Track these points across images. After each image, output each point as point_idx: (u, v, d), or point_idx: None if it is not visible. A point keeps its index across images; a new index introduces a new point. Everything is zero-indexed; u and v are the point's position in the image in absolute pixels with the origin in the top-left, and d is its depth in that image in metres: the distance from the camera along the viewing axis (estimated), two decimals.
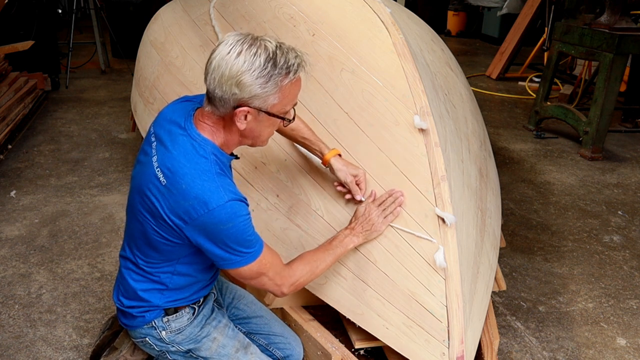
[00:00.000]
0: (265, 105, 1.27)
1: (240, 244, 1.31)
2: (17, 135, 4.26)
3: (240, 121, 1.29)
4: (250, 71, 1.22)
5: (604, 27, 4.20)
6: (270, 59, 1.23)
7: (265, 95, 1.25)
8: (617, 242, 3.08)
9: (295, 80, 1.28)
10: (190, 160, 1.28)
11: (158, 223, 1.31)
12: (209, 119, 1.33)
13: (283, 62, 1.24)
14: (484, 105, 5.59)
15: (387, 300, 1.60)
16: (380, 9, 2.08)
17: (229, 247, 1.30)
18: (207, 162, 1.29)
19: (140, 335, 1.51)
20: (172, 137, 1.32)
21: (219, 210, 1.25)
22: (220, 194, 1.26)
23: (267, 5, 2.33)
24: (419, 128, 1.73)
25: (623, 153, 4.46)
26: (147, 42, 3.26)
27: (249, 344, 1.58)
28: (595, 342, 2.29)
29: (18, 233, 2.97)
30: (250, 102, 1.25)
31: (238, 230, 1.28)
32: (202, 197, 1.24)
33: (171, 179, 1.27)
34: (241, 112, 1.27)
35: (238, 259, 1.32)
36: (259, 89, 1.23)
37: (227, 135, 1.34)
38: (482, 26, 9.59)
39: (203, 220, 1.25)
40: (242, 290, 1.76)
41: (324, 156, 1.69)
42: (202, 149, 1.30)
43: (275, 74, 1.23)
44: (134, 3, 6.88)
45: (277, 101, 1.27)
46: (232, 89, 1.23)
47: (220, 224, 1.26)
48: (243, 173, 2.08)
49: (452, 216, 1.59)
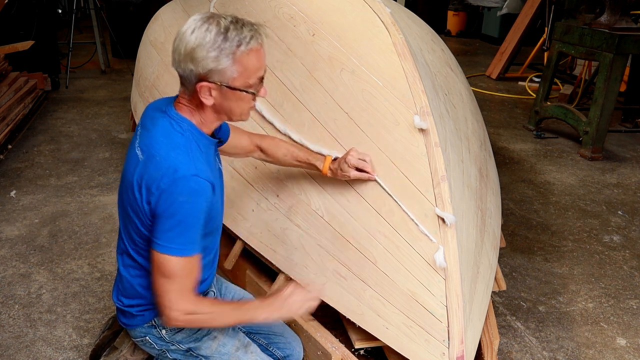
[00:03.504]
0: (224, 79, 1.28)
1: (182, 228, 1.27)
2: (17, 135, 4.26)
3: (206, 97, 1.31)
4: (201, 46, 1.24)
5: (604, 27, 4.20)
6: (221, 33, 1.25)
7: (221, 69, 1.26)
8: (617, 242, 3.08)
9: (249, 51, 1.27)
10: (166, 135, 1.32)
11: (136, 200, 1.32)
12: (184, 99, 1.36)
13: (235, 35, 1.26)
14: (484, 105, 5.59)
15: (387, 300, 1.60)
16: (380, 9, 2.08)
17: (171, 223, 1.26)
18: (182, 137, 1.32)
19: (140, 335, 1.51)
20: (153, 120, 1.37)
21: (183, 181, 1.25)
22: (190, 166, 1.27)
23: (267, 5, 2.33)
24: (419, 128, 1.73)
25: (623, 153, 4.46)
26: (147, 42, 3.26)
27: (249, 343, 1.58)
28: (595, 342, 2.29)
29: (18, 233, 2.97)
30: (209, 76, 1.27)
31: (191, 210, 1.27)
32: (172, 166, 1.26)
33: (147, 153, 1.31)
34: (202, 88, 1.29)
35: (168, 243, 1.28)
36: (212, 62, 1.25)
37: (202, 113, 1.37)
38: (482, 26, 9.59)
39: (166, 188, 1.25)
40: (241, 290, 1.76)
41: (323, 169, 1.72)
42: (178, 126, 1.33)
43: (227, 46, 1.25)
44: (134, 3, 6.88)
45: (237, 74, 1.28)
46: (189, 65, 1.27)
47: (179, 194, 1.25)
48: (243, 173, 2.08)
49: (452, 216, 1.59)
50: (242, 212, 2.04)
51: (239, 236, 2.05)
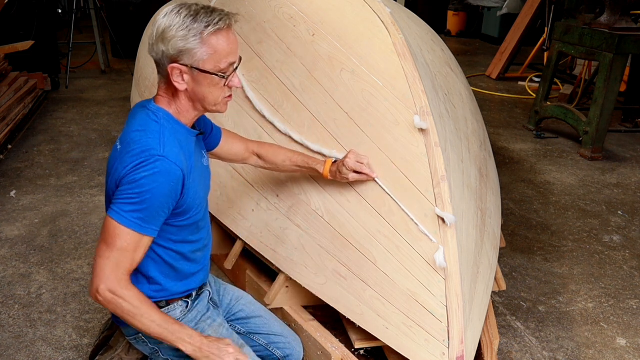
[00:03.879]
0: (194, 61, 1.30)
1: (137, 200, 1.25)
2: (17, 135, 4.26)
3: (178, 82, 1.32)
4: (171, 26, 1.28)
5: (604, 27, 4.20)
6: (190, 16, 1.28)
7: (189, 49, 1.28)
8: (617, 242, 3.08)
9: (216, 32, 1.29)
10: (141, 124, 1.33)
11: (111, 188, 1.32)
12: (162, 90, 1.38)
13: (203, 18, 1.29)
14: (484, 105, 5.59)
15: (387, 300, 1.60)
16: (380, 9, 2.08)
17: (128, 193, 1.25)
18: (156, 124, 1.33)
19: (133, 332, 1.50)
20: (134, 114, 1.39)
21: (149, 159, 1.26)
22: (158, 147, 1.28)
23: (267, 5, 2.33)
24: (419, 128, 1.73)
25: (623, 153, 4.46)
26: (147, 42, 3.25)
27: (242, 345, 1.56)
28: (595, 342, 2.29)
29: (18, 233, 2.97)
30: (179, 58, 1.30)
31: (151, 188, 1.25)
32: (140, 148, 1.28)
33: (124, 143, 1.32)
34: (174, 70, 1.30)
35: (120, 211, 1.26)
36: (181, 42, 1.27)
37: (178, 102, 1.38)
38: (482, 26, 9.58)
39: (133, 165, 1.26)
40: (240, 291, 1.75)
41: (323, 173, 1.72)
42: (154, 115, 1.35)
43: (195, 27, 1.27)
44: (134, 3, 6.88)
45: (207, 57, 1.30)
46: (160, 46, 1.30)
47: (143, 170, 1.25)
48: (243, 173, 2.08)
49: (452, 216, 1.59)
50: (242, 212, 2.04)
51: (239, 236, 2.05)
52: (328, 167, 1.72)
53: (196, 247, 1.50)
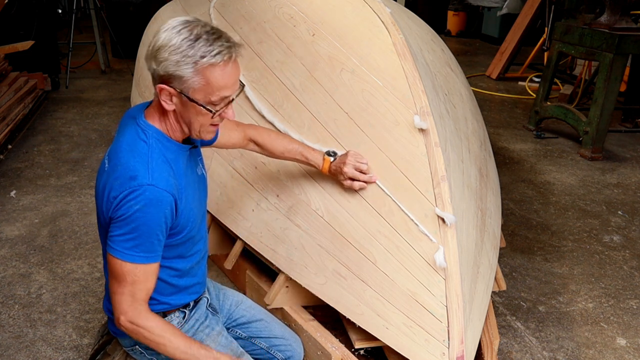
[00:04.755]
0: (185, 88, 1.23)
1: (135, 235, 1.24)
2: (17, 135, 4.25)
3: (165, 101, 1.27)
4: (166, 47, 1.20)
5: (604, 27, 4.20)
6: (189, 40, 1.20)
7: (181, 76, 1.22)
8: (617, 242, 3.08)
9: (213, 65, 1.21)
10: (130, 143, 1.29)
11: (101, 209, 1.30)
12: (155, 105, 1.34)
13: (202, 46, 1.20)
14: (484, 105, 5.59)
15: (387, 300, 1.60)
16: (380, 9, 2.08)
17: (124, 228, 1.24)
18: (145, 145, 1.28)
19: (130, 344, 1.49)
20: (123, 128, 1.35)
21: (138, 190, 1.22)
22: (146, 175, 1.24)
23: (267, 5, 2.33)
24: (419, 128, 1.73)
25: (623, 153, 4.46)
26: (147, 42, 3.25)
27: (242, 353, 1.55)
28: (595, 342, 2.29)
29: (18, 233, 2.97)
30: (170, 81, 1.23)
31: (145, 220, 1.23)
32: (128, 175, 1.24)
33: (111, 162, 1.29)
34: (163, 91, 1.25)
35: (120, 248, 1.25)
36: (172, 66, 1.21)
37: (166, 120, 1.33)
38: (482, 26, 9.58)
39: (122, 196, 1.23)
40: (240, 295, 1.74)
41: (322, 169, 1.72)
42: (143, 133, 1.30)
43: (190, 55, 1.20)
44: (134, 3, 6.88)
45: (198, 86, 1.23)
46: (152, 63, 1.24)
47: (134, 202, 1.22)
48: (243, 173, 2.08)
49: (452, 216, 1.59)
50: (242, 212, 2.04)
51: (239, 236, 2.05)
52: (327, 165, 1.72)
53: (192, 261, 1.47)
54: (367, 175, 1.69)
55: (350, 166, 1.68)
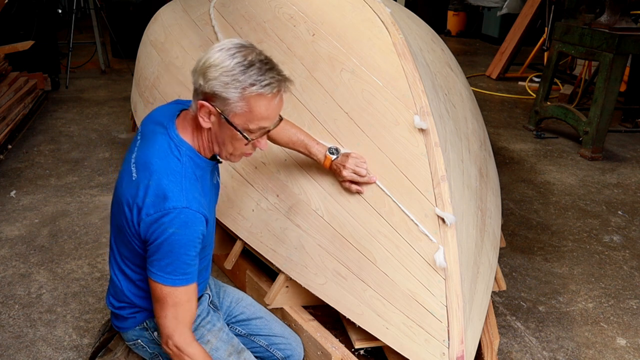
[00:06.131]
0: (226, 110, 1.24)
1: (172, 258, 1.26)
2: (17, 135, 4.26)
3: (204, 118, 1.27)
4: (218, 67, 1.21)
5: (604, 27, 4.20)
6: (242, 65, 1.21)
7: (225, 98, 1.22)
8: (617, 242, 3.08)
9: (260, 95, 1.22)
10: (162, 158, 1.28)
11: (126, 218, 1.30)
12: (190, 120, 1.34)
13: (254, 74, 1.21)
14: (484, 105, 5.59)
15: (387, 300, 1.60)
16: (380, 9, 2.08)
17: (161, 252, 1.26)
18: (178, 163, 1.29)
19: (133, 338, 1.51)
20: (153, 136, 1.34)
21: (172, 212, 1.23)
22: (181, 197, 1.24)
23: (267, 5, 2.33)
24: (419, 128, 1.73)
25: (623, 153, 4.46)
26: (147, 42, 3.26)
27: (242, 349, 1.56)
28: (595, 342, 2.29)
29: (18, 233, 2.97)
30: (212, 100, 1.24)
31: (180, 240, 1.25)
32: (163, 195, 1.24)
33: (141, 175, 1.28)
34: (203, 108, 1.26)
35: (159, 272, 1.27)
36: (220, 87, 1.21)
37: (200, 137, 1.33)
38: (482, 26, 9.58)
39: (156, 217, 1.24)
40: (240, 293, 1.75)
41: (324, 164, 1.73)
42: (177, 149, 1.30)
43: (240, 80, 1.21)
44: (134, 3, 6.88)
45: (240, 111, 1.24)
46: (199, 78, 1.24)
47: (169, 225, 1.23)
48: (243, 173, 2.08)
49: (452, 216, 1.59)
50: (242, 212, 2.04)
51: (239, 236, 2.05)
52: (328, 163, 1.72)
53: (202, 264, 1.49)
54: (365, 177, 1.69)
55: (349, 170, 1.69)
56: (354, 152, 1.75)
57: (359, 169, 1.69)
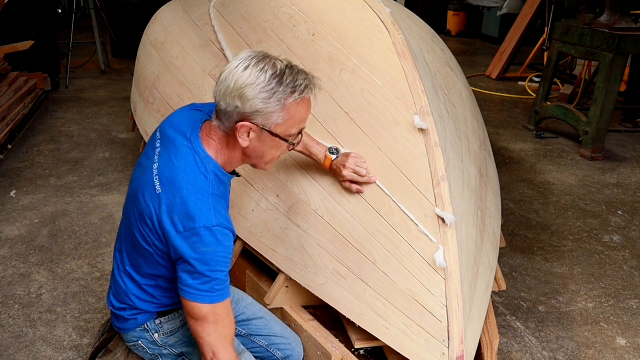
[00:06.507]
0: (268, 123, 1.25)
1: (207, 274, 1.25)
2: (17, 135, 4.26)
3: (243, 137, 1.27)
4: (254, 85, 1.21)
5: (604, 27, 4.20)
6: (276, 76, 1.22)
7: (268, 113, 1.23)
8: (617, 242, 3.08)
9: (301, 100, 1.25)
10: (189, 175, 1.27)
11: (146, 229, 1.30)
12: (215, 135, 1.32)
13: (290, 81, 1.23)
14: (484, 105, 5.59)
15: (387, 300, 1.60)
16: (380, 9, 2.08)
17: (196, 272, 1.25)
18: (206, 180, 1.28)
19: (133, 339, 1.50)
20: (176, 148, 1.32)
21: (204, 231, 1.23)
22: (211, 216, 1.24)
23: (267, 5, 2.33)
24: (419, 128, 1.73)
25: (623, 153, 4.46)
26: (147, 42, 3.26)
27: (243, 351, 1.56)
28: (595, 342, 2.29)
29: (18, 233, 2.97)
30: (253, 118, 1.24)
31: (214, 258, 1.25)
32: (192, 214, 1.23)
33: (166, 190, 1.27)
34: (243, 128, 1.25)
35: (196, 291, 1.26)
36: (261, 104, 1.22)
37: (231, 153, 1.33)
38: (482, 26, 9.58)
39: (186, 235, 1.23)
40: (241, 293, 1.75)
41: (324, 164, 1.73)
42: (203, 166, 1.29)
43: (280, 91, 1.22)
44: (134, 3, 6.88)
45: (281, 121, 1.25)
46: (235, 101, 1.23)
47: (200, 244, 1.23)
48: (243, 173, 2.07)
49: (452, 216, 1.59)
50: (242, 212, 2.04)
51: (239, 236, 2.05)
52: (328, 163, 1.72)
53: None
54: (365, 177, 1.69)
55: (349, 170, 1.69)
56: (354, 152, 1.75)
57: (359, 168, 1.69)
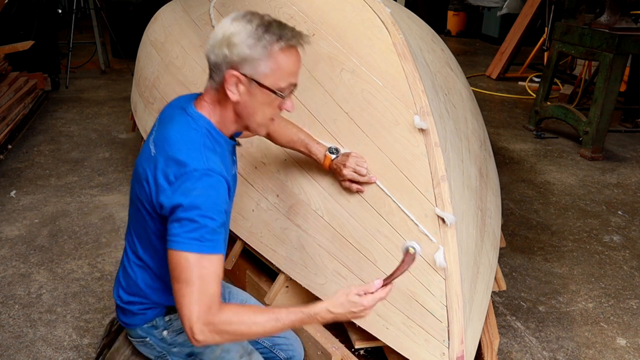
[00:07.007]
0: (256, 73, 1.24)
1: (196, 219, 1.18)
2: (17, 135, 4.26)
3: (232, 90, 1.26)
4: (241, 32, 1.23)
5: (604, 27, 4.20)
6: (262, 25, 1.24)
7: (254, 60, 1.23)
8: (617, 242, 3.08)
9: (287, 48, 1.24)
10: (180, 131, 1.29)
11: (145, 194, 1.29)
12: (208, 96, 1.33)
13: (276, 30, 1.24)
14: (484, 105, 5.59)
15: (387, 300, 1.59)
16: (380, 9, 2.08)
17: (186, 217, 1.18)
18: (197, 133, 1.28)
19: (141, 335, 1.48)
20: (171, 117, 1.34)
21: (194, 173, 1.21)
22: (202, 160, 1.23)
23: (267, 5, 2.33)
24: (419, 128, 1.73)
25: (623, 153, 4.46)
26: (147, 42, 3.26)
27: (252, 351, 1.56)
28: (595, 342, 2.29)
29: (18, 233, 2.97)
30: (240, 66, 1.24)
31: (205, 202, 1.19)
32: (183, 161, 1.23)
33: (160, 150, 1.28)
34: (231, 78, 1.25)
35: (183, 239, 1.18)
36: (247, 49, 1.22)
37: (223, 111, 1.32)
38: (482, 26, 9.58)
39: (178, 184, 1.21)
40: (245, 294, 1.75)
41: (324, 164, 1.73)
42: (195, 123, 1.30)
43: (266, 37, 1.22)
44: (134, 3, 6.88)
45: (269, 71, 1.24)
46: (223, 50, 1.24)
47: (191, 187, 1.20)
48: (243, 173, 2.08)
49: (452, 216, 1.59)
50: (242, 212, 2.04)
51: (239, 236, 2.05)
52: (327, 162, 1.73)
53: None
54: (365, 177, 1.70)
55: (349, 169, 1.69)
56: (354, 151, 1.75)
57: (359, 168, 1.69)
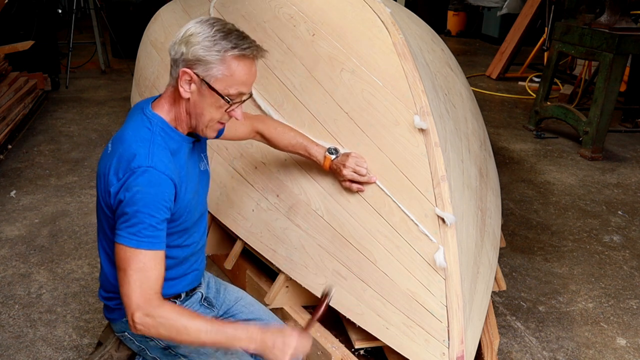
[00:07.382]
0: (207, 75, 1.28)
1: (134, 215, 1.23)
2: (17, 135, 4.25)
3: (184, 87, 1.31)
4: (200, 34, 1.28)
5: (604, 27, 4.20)
6: (222, 32, 1.28)
7: (208, 62, 1.27)
8: (617, 242, 3.08)
9: (241, 57, 1.28)
10: (133, 129, 1.33)
11: (100, 190, 1.33)
12: (166, 94, 1.38)
13: (234, 39, 1.28)
14: (484, 105, 5.59)
15: (387, 300, 1.60)
16: (380, 9, 2.08)
17: (125, 212, 1.24)
18: (148, 132, 1.32)
19: (120, 329, 1.50)
20: (130, 117, 1.39)
21: (137, 170, 1.25)
22: (146, 157, 1.27)
23: (267, 5, 2.33)
24: (419, 128, 1.73)
25: (623, 153, 4.46)
26: (147, 42, 3.26)
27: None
28: (595, 342, 2.29)
29: (18, 233, 2.97)
30: (194, 66, 1.28)
31: (143, 198, 1.23)
32: (130, 158, 1.27)
33: (115, 146, 1.32)
34: (185, 75, 1.29)
35: (123, 232, 1.24)
36: (202, 50, 1.26)
37: (177, 109, 1.36)
38: (482, 26, 9.58)
39: (124, 177, 1.26)
40: (240, 292, 1.74)
41: (323, 165, 1.73)
42: (148, 121, 1.34)
43: (222, 43, 1.27)
44: (134, 3, 6.88)
45: (221, 76, 1.28)
46: (181, 47, 1.29)
47: (134, 184, 1.24)
48: (243, 173, 2.08)
49: (452, 216, 1.59)
50: (242, 212, 2.04)
51: (239, 236, 2.05)
52: (327, 163, 1.73)
53: (186, 252, 1.48)
54: (365, 177, 1.70)
55: (349, 169, 1.70)
56: (354, 151, 1.75)
57: (359, 168, 1.70)
